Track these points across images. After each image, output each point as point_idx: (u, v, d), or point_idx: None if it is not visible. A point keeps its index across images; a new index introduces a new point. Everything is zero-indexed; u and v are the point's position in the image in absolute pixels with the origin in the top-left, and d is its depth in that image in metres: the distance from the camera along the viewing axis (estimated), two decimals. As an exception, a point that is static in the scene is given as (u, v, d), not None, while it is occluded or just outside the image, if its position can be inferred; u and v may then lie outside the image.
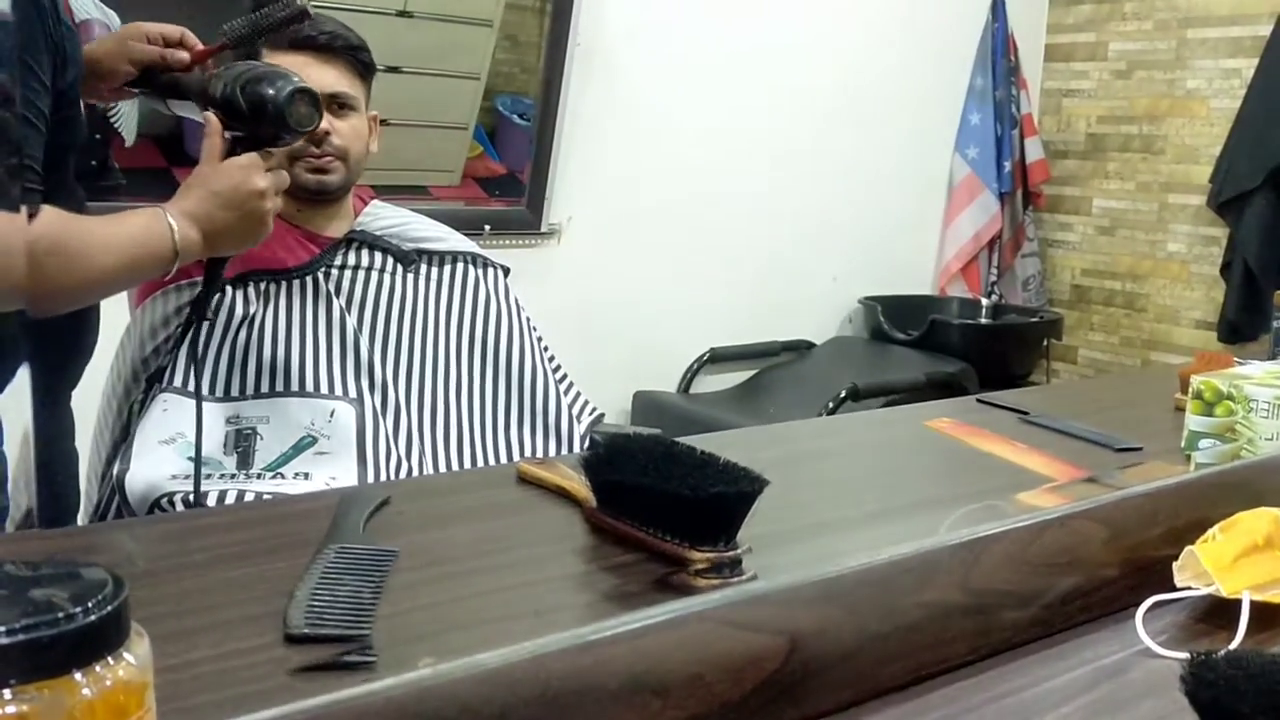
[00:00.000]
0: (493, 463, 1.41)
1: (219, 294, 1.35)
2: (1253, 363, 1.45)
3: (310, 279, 1.40)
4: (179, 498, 1.21)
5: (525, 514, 1.04)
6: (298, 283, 1.39)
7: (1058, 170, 3.94)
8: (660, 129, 3.09)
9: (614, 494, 0.95)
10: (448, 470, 1.37)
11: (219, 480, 1.26)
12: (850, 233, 3.56)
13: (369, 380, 1.37)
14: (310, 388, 1.34)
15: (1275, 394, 1.21)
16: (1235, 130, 3.39)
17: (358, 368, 1.37)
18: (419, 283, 1.47)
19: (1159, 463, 1.22)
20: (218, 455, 1.28)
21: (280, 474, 1.29)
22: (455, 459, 1.40)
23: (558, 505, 1.04)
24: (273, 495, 1.24)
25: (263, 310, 1.36)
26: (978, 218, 3.75)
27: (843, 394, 2.87)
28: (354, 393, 1.35)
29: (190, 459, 1.22)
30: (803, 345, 3.49)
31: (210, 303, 1.28)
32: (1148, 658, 0.79)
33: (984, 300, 3.61)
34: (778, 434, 1.53)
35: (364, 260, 1.45)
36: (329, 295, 1.40)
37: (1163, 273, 3.71)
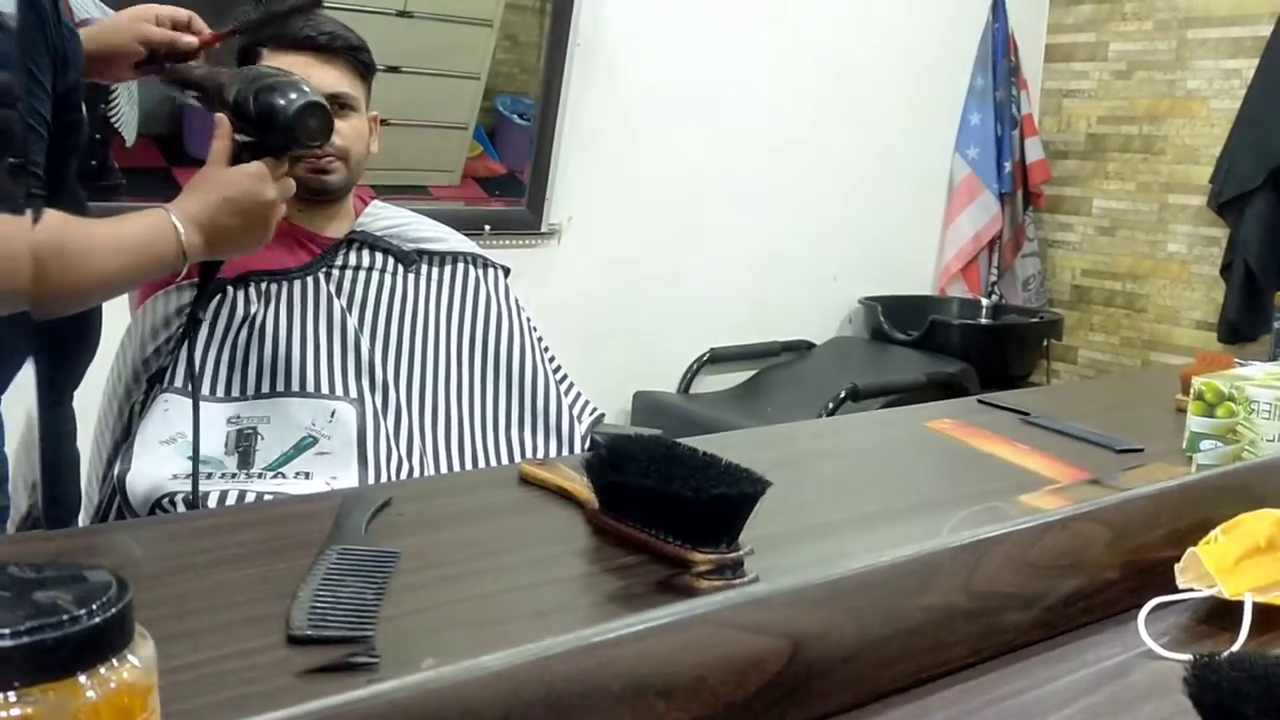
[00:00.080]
0: (493, 463, 1.41)
1: (220, 294, 1.35)
2: (1254, 364, 1.46)
3: (311, 279, 1.40)
4: (180, 498, 1.21)
5: (527, 515, 1.04)
6: (298, 283, 1.39)
7: (1058, 170, 3.94)
8: (660, 129, 3.09)
9: (616, 495, 0.95)
10: (448, 470, 1.37)
11: (220, 480, 1.26)
12: (850, 233, 3.56)
13: (370, 380, 1.37)
14: (311, 388, 1.34)
15: (1276, 395, 1.21)
16: (1235, 131, 3.39)
17: (358, 368, 1.37)
18: (419, 283, 1.47)
19: (1160, 464, 1.22)
20: (219, 455, 1.28)
21: (281, 474, 1.29)
22: (456, 459, 1.40)
23: (559, 506, 1.04)
24: (273, 495, 1.24)
25: (263, 311, 1.36)
26: (978, 218, 3.75)
27: (843, 394, 2.87)
28: (355, 393, 1.35)
29: (191, 459, 1.22)
30: (803, 345, 3.49)
31: (204, 304, 1.27)
32: (1150, 659, 0.79)
33: (984, 300, 3.61)
34: (778, 435, 1.53)
35: (365, 260, 1.45)
36: (330, 296, 1.40)
37: (1163, 273, 3.71)
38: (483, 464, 1.41)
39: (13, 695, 0.38)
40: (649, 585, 0.85)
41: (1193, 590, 0.85)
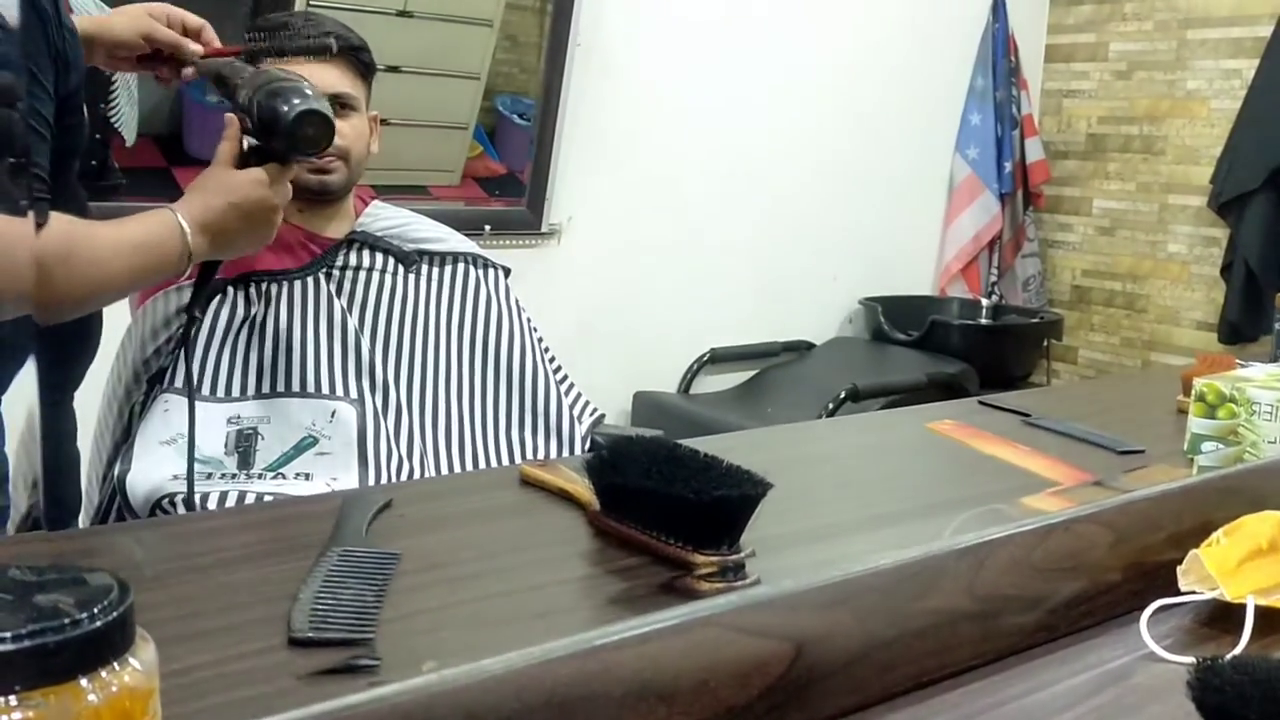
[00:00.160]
0: (493, 463, 1.41)
1: (220, 294, 1.35)
2: (1255, 365, 1.45)
3: (311, 280, 1.40)
4: (180, 498, 1.21)
5: (528, 517, 1.04)
6: (299, 283, 1.39)
7: (1058, 171, 3.94)
8: (661, 129, 3.09)
9: (617, 497, 0.95)
10: (449, 470, 1.37)
11: (220, 481, 1.26)
12: (850, 233, 3.55)
13: (370, 381, 1.37)
14: (311, 388, 1.34)
15: (1277, 397, 1.21)
16: (1236, 131, 3.38)
17: (359, 368, 1.37)
18: (420, 283, 1.47)
19: (1162, 466, 1.21)
20: (219, 455, 1.28)
21: (281, 474, 1.29)
22: (456, 460, 1.40)
23: (560, 508, 1.04)
24: (274, 496, 1.23)
25: (264, 311, 1.36)
26: (978, 218, 3.75)
27: (843, 394, 2.87)
28: (355, 393, 1.35)
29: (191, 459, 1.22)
30: (803, 346, 3.48)
31: (202, 303, 1.27)
32: (1152, 662, 0.79)
33: (984, 301, 3.61)
34: (779, 436, 1.53)
35: (365, 261, 1.45)
36: (330, 296, 1.40)
37: (1163, 273, 3.71)
38: (483, 464, 1.40)
39: (13, 699, 0.38)
40: (651, 587, 0.85)
41: (1195, 593, 0.85)
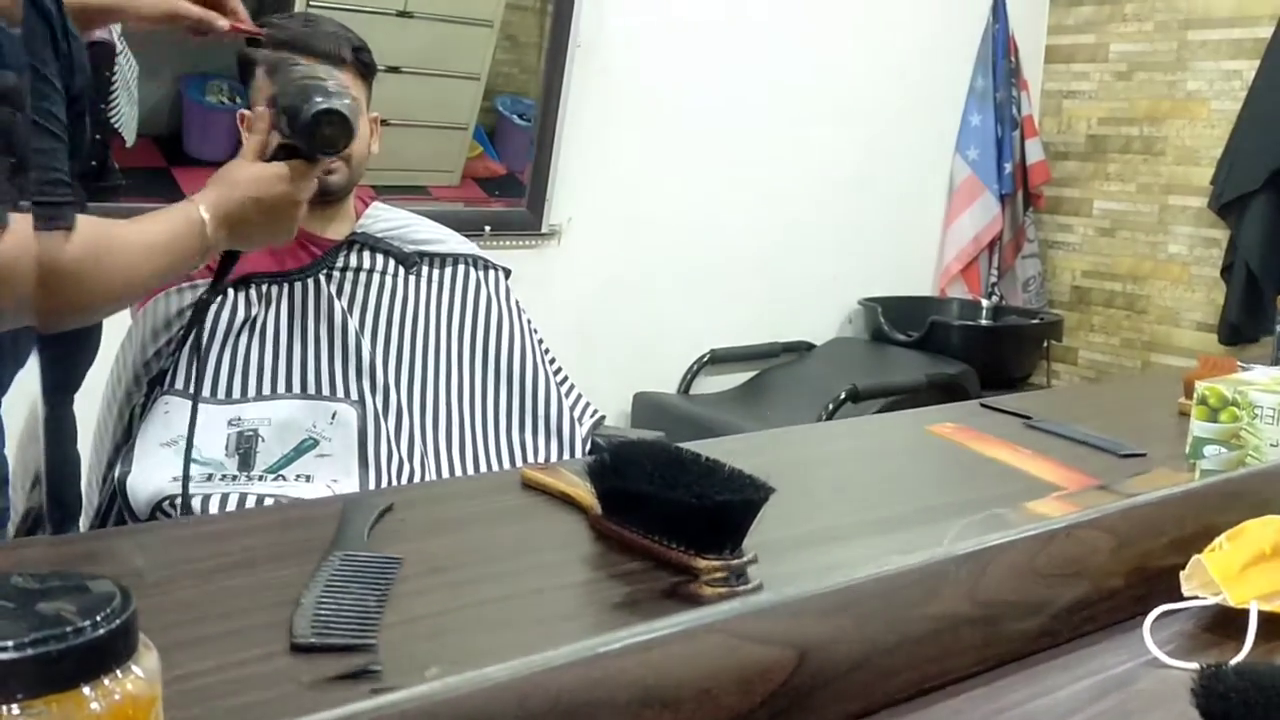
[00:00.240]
0: (494, 465, 1.41)
1: (221, 296, 1.34)
2: (1257, 367, 1.45)
3: (312, 281, 1.40)
4: (180, 500, 1.21)
5: (530, 521, 1.04)
6: (299, 285, 1.39)
7: (1058, 172, 3.93)
8: (661, 130, 3.09)
9: (619, 501, 0.95)
10: (449, 472, 1.37)
11: (220, 482, 1.26)
12: (851, 233, 3.55)
13: (370, 382, 1.37)
14: (312, 390, 1.34)
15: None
16: (1236, 132, 3.38)
17: (359, 370, 1.37)
18: (420, 285, 1.47)
19: (1164, 470, 1.21)
20: (219, 457, 1.28)
21: (282, 476, 1.29)
22: (457, 461, 1.40)
23: (562, 512, 1.04)
24: (274, 497, 1.23)
25: (264, 313, 1.36)
26: (978, 219, 3.74)
27: (843, 395, 2.87)
28: (355, 395, 1.35)
29: (192, 461, 1.22)
30: (803, 346, 3.48)
31: (218, 292, 1.26)
32: (1155, 668, 0.79)
33: (984, 301, 3.60)
34: (780, 439, 1.52)
35: (365, 262, 1.45)
36: (330, 298, 1.40)
37: (1163, 274, 3.71)
38: (483, 466, 1.40)
39: (16, 708, 0.38)
40: (653, 593, 0.85)
41: (1198, 598, 0.85)
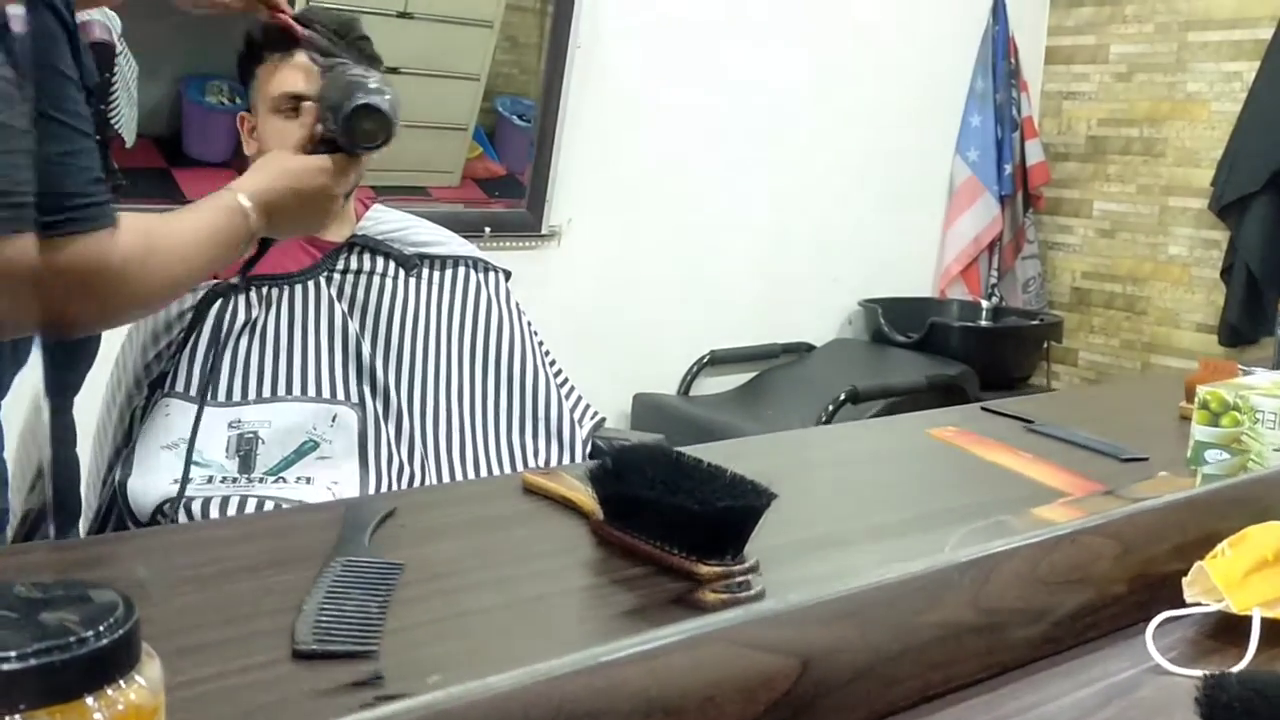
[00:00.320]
0: (494, 467, 1.41)
1: (221, 299, 1.34)
2: (1259, 371, 1.45)
3: (312, 283, 1.40)
4: (181, 504, 1.21)
5: (531, 526, 1.04)
6: (300, 287, 1.39)
7: (1058, 173, 3.93)
8: (661, 131, 3.09)
9: (620, 506, 0.94)
10: (450, 474, 1.37)
11: (220, 485, 1.26)
12: (851, 235, 3.55)
13: (371, 385, 1.36)
14: (312, 392, 1.34)
15: (1282, 404, 1.21)
16: (1236, 133, 3.38)
17: (359, 372, 1.37)
18: (420, 287, 1.47)
19: (1167, 475, 1.21)
20: (220, 459, 1.28)
21: (282, 478, 1.29)
22: (458, 463, 1.40)
23: (564, 516, 1.03)
24: (275, 500, 1.23)
25: (265, 315, 1.36)
26: (978, 220, 3.74)
27: (843, 396, 2.86)
28: (356, 397, 1.35)
29: (192, 464, 1.22)
30: (803, 347, 3.48)
31: (250, 269, 1.26)
32: (1158, 675, 0.79)
33: (984, 303, 3.60)
34: (781, 443, 1.52)
35: (366, 265, 1.44)
36: (331, 300, 1.39)
37: (1163, 276, 3.71)
38: (484, 468, 1.40)
39: (19, 718, 0.38)
40: (655, 599, 0.85)
41: (1200, 604, 0.84)
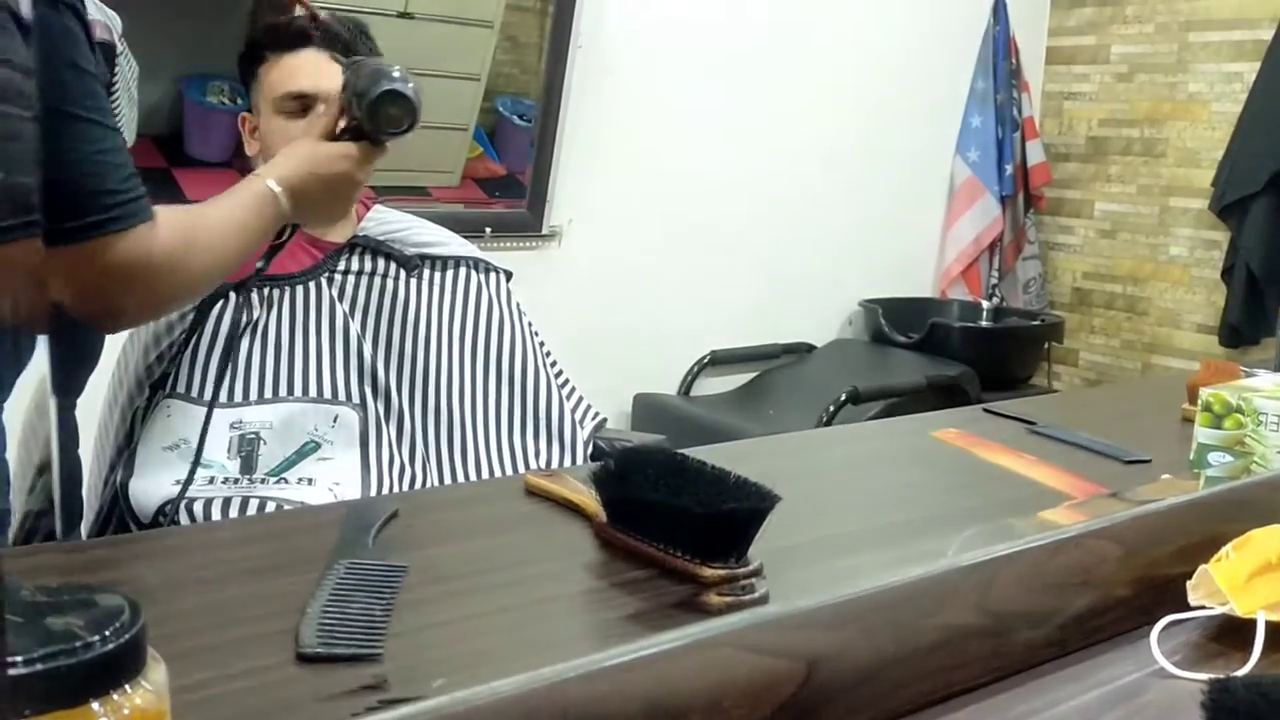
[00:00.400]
0: (496, 468, 1.41)
1: (222, 299, 1.34)
2: (1261, 373, 1.45)
3: (313, 284, 1.39)
4: (183, 505, 1.21)
5: (534, 528, 1.04)
6: (301, 288, 1.39)
7: (1059, 173, 3.94)
8: (661, 131, 3.09)
9: (624, 509, 0.94)
10: (451, 475, 1.37)
11: (222, 485, 1.26)
12: (851, 235, 3.55)
13: (372, 385, 1.36)
14: (314, 393, 1.34)
15: (1284, 406, 1.21)
16: (1237, 134, 3.38)
17: (361, 373, 1.36)
18: (422, 288, 1.47)
19: (1170, 477, 1.21)
20: (221, 460, 1.28)
21: (283, 479, 1.29)
22: (459, 465, 1.39)
23: (567, 519, 1.03)
24: (276, 501, 1.23)
25: (266, 316, 1.36)
26: (979, 220, 3.74)
27: (843, 397, 2.87)
28: (357, 398, 1.35)
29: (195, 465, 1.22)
30: (803, 348, 3.48)
31: (271, 258, 1.27)
32: (1162, 679, 0.79)
33: (985, 303, 3.61)
34: (784, 445, 1.52)
35: (367, 265, 1.44)
36: (332, 301, 1.39)
37: (1164, 276, 3.71)
38: (485, 469, 1.40)
39: (25, 723, 0.38)
40: (660, 602, 0.85)
41: (1204, 608, 0.84)
